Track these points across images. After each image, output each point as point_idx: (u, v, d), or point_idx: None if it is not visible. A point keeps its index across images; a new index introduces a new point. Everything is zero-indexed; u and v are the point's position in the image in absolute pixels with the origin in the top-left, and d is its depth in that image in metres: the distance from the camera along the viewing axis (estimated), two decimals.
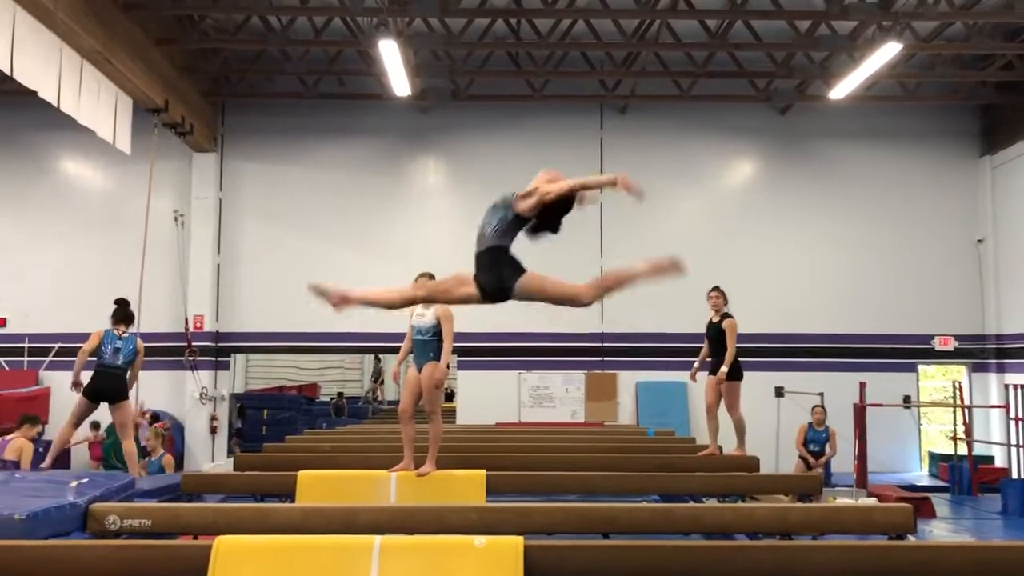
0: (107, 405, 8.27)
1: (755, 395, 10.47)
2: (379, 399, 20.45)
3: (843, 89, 13.08)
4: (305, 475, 6.76)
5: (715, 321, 8.45)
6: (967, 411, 13.53)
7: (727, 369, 8.13)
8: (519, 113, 14.85)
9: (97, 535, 5.29)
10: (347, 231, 14.73)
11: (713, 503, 7.08)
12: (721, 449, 8.45)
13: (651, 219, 14.72)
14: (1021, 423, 12.56)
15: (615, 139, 14.92)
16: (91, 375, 8.18)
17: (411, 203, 14.84)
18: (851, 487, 11.10)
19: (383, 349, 15.93)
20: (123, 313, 8.40)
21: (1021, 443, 12.53)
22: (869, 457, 11.80)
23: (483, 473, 6.80)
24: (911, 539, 5.54)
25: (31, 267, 14.46)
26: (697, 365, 8.65)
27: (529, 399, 14.56)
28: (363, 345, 15.54)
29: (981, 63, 13.93)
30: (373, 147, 15.00)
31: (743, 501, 7.31)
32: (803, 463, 11.31)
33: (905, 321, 14.60)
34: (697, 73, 13.77)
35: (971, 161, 15.03)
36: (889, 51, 11.50)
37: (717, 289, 8.58)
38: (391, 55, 11.40)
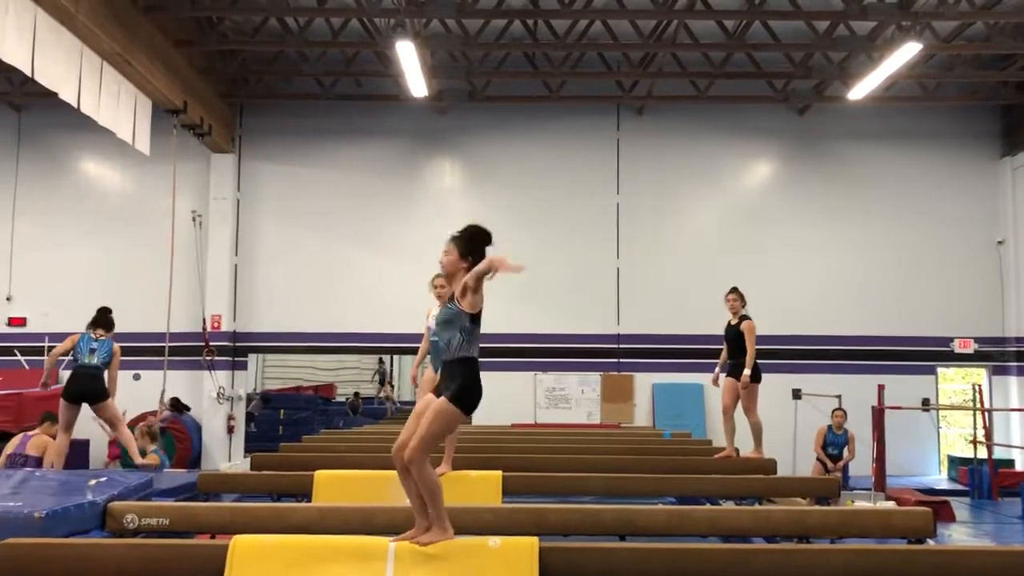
0: (88, 407, 8.30)
1: (772, 397, 10.39)
2: (391, 399, 20.44)
3: (862, 90, 12.98)
4: (322, 475, 6.76)
5: (733, 323, 8.40)
6: (987, 414, 13.42)
7: (749, 372, 8.07)
8: (536, 114, 14.85)
9: (115, 534, 5.33)
10: (364, 232, 14.77)
11: (730, 506, 7.04)
12: (738, 451, 8.40)
13: (668, 220, 14.73)
14: None
15: (632, 140, 14.90)
16: (68, 377, 8.28)
17: (427, 204, 14.85)
18: (869, 490, 11.04)
19: (398, 350, 15.97)
20: (103, 319, 8.49)
21: None
22: (888, 460, 11.73)
23: (499, 474, 6.79)
24: (930, 543, 5.49)
25: (51, 266, 14.61)
26: (718, 370, 8.59)
27: (545, 400, 14.55)
28: (379, 346, 15.58)
29: (1002, 63, 13.81)
30: (390, 148, 15.04)
31: (760, 504, 7.26)
32: (821, 466, 11.23)
33: (924, 323, 14.49)
34: (715, 74, 13.72)
35: (991, 162, 14.90)
36: (909, 51, 11.40)
37: (735, 291, 8.52)
38: (408, 56, 11.42)
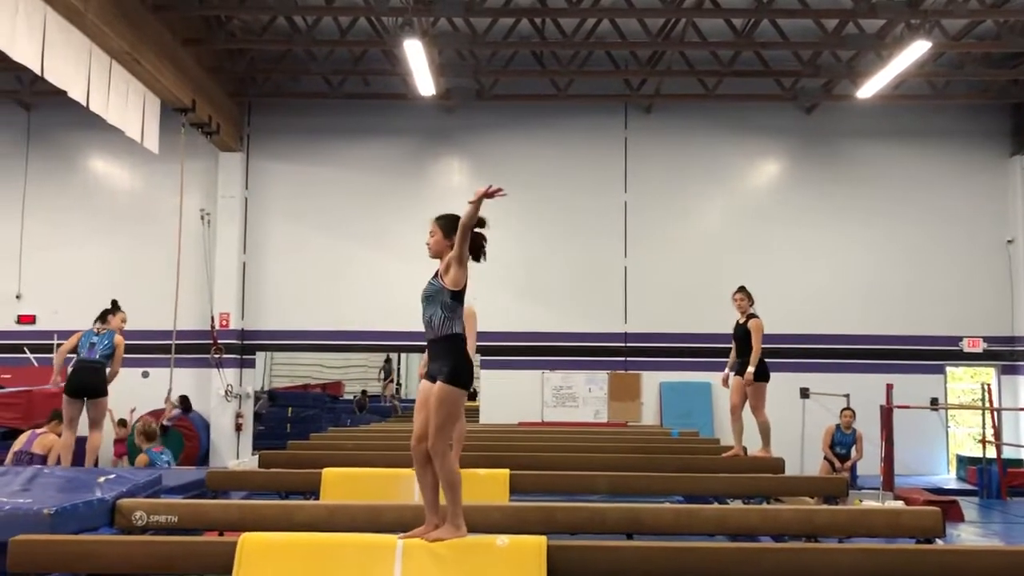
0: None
1: (780, 396, 10.39)
2: (395, 397, 20.44)
3: (871, 88, 12.93)
4: (330, 472, 6.78)
5: (741, 322, 8.40)
6: (996, 414, 13.37)
7: (753, 370, 8.07)
8: (544, 113, 14.84)
9: (124, 531, 5.35)
10: (371, 231, 14.78)
11: (738, 505, 7.03)
12: (746, 450, 8.40)
13: (675, 219, 14.71)
14: None
15: (640, 139, 14.87)
16: (70, 371, 8.29)
17: (435, 203, 14.64)
18: (877, 490, 11.01)
19: (406, 348, 15.98)
20: (103, 313, 8.52)
21: None
22: (896, 459, 11.70)
23: (507, 472, 6.80)
24: (939, 543, 5.47)
25: (60, 264, 14.66)
26: (727, 370, 8.58)
27: (552, 399, 14.54)
28: (386, 344, 15.59)
29: (1012, 61, 13.73)
30: (397, 147, 15.04)
31: (768, 503, 7.25)
32: (828, 465, 11.20)
33: (933, 322, 14.43)
34: (723, 72, 13.69)
35: (1001, 161, 14.82)
36: (918, 50, 11.35)
37: (742, 290, 8.51)
38: (416, 55, 11.43)
